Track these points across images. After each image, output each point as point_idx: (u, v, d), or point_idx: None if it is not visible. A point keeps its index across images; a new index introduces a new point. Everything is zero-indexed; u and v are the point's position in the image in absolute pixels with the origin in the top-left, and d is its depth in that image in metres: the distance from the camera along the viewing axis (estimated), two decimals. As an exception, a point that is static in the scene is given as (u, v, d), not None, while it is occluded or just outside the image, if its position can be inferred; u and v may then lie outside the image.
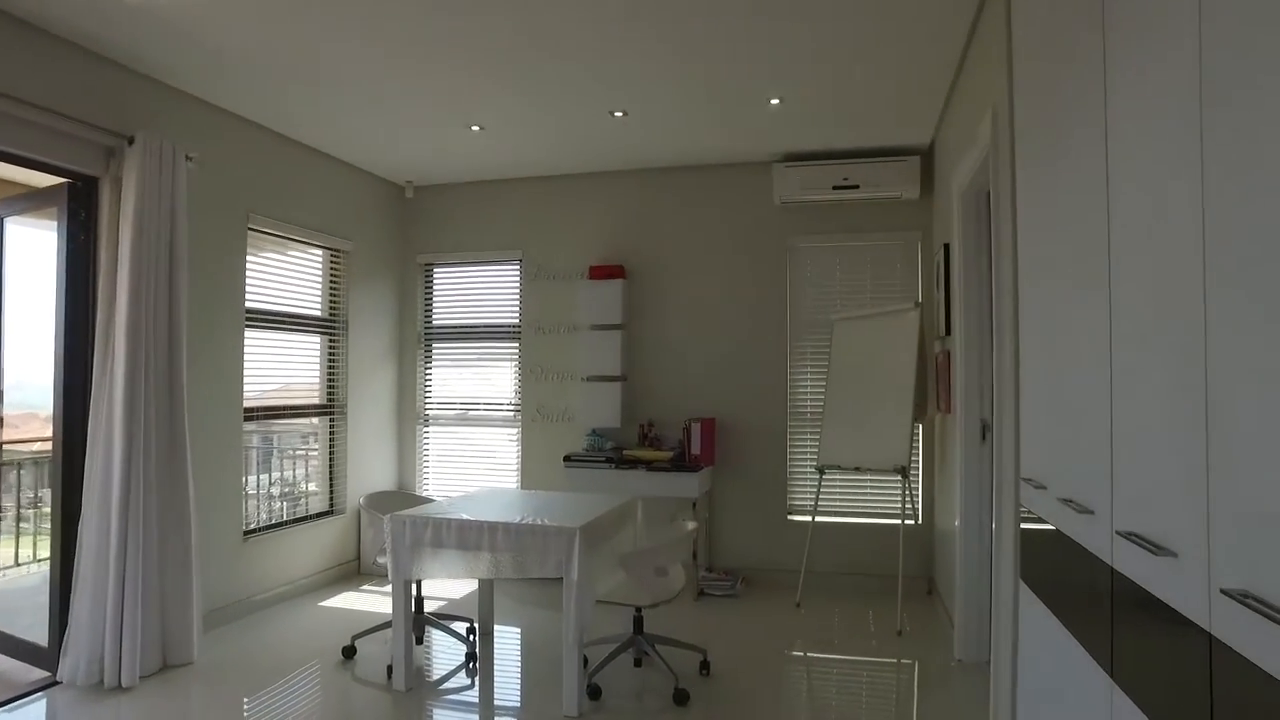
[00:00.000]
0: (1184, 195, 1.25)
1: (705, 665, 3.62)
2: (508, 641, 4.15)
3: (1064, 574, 1.93)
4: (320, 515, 5.19)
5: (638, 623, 3.57)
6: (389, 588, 3.45)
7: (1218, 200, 1.14)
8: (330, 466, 5.31)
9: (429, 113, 4.40)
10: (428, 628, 4.07)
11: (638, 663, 3.68)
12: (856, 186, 4.97)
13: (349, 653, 3.81)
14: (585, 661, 3.42)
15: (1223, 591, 1.08)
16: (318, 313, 5.21)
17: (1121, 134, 1.54)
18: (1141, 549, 1.40)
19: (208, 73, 3.80)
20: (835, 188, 5.00)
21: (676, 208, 5.50)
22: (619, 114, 4.40)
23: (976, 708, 3.23)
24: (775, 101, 4.19)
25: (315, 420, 5.23)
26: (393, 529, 3.36)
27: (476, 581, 4.38)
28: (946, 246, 4.22)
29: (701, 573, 5.03)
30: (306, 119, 4.50)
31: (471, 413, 5.89)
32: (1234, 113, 1.09)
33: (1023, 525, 2.43)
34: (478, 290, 5.94)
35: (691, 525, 3.67)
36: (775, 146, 5.02)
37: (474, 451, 5.87)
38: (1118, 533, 1.52)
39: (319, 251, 5.23)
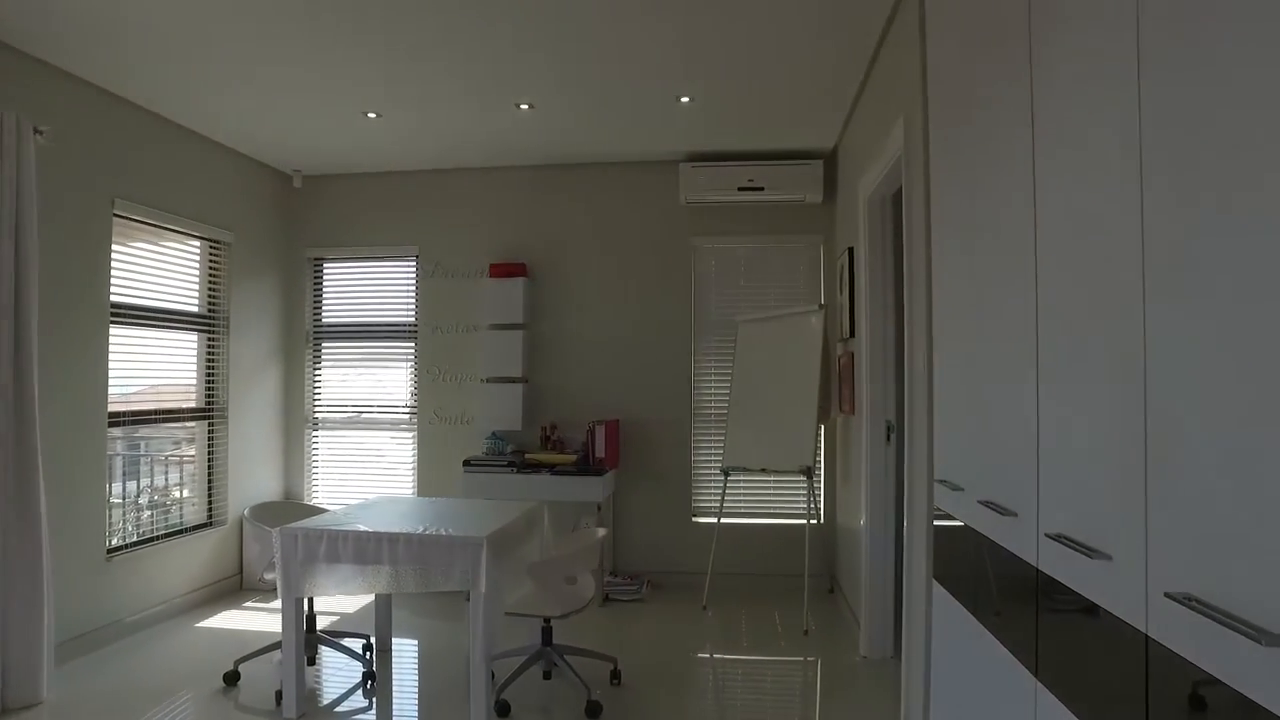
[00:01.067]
0: (1120, 196, 1.25)
1: (616, 674, 3.54)
2: (407, 658, 3.94)
3: (983, 574, 1.95)
4: (198, 527, 4.80)
5: (546, 633, 3.45)
6: (276, 603, 3.19)
7: (1156, 201, 1.14)
8: (209, 475, 4.92)
9: (321, 97, 4.13)
10: (320, 647, 3.81)
11: (547, 675, 3.55)
12: (761, 189, 5.00)
13: (231, 679, 3.51)
14: (492, 676, 3.27)
15: (1167, 595, 1.07)
16: (195, 308, 4.82)
17: (1051, 134, 1.54)
18: (1072, 551, 1.40)
19: (61, 35, 3.42)
20: (740, 189, 5.02)
21: (581, 205, 5.40)
22: (524, 106, 4.26)
23: (884, 703, 3.27)
24: (684, 99, 4.15)
25: (193, 425, 4.84)
26: (283, 543, 3.11)
27: (373, 595, 4.14)
28: (851, 250, 4.29)
29: (607, 577, 4.94)
30: (181, 96, 4.14)
31: (364, 416, 5.60)
32: (1174, 113, 1.08)
33: (936, 524, 2.45)
34: (371, 287, 5.66)
35: (601, 531, 3.58)
36: (682, 146, 4.99)
37: (367, 456, 5.59)
38: (1046, 535, 1.53)
39: (196, 242, 4.84)
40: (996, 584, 1.84)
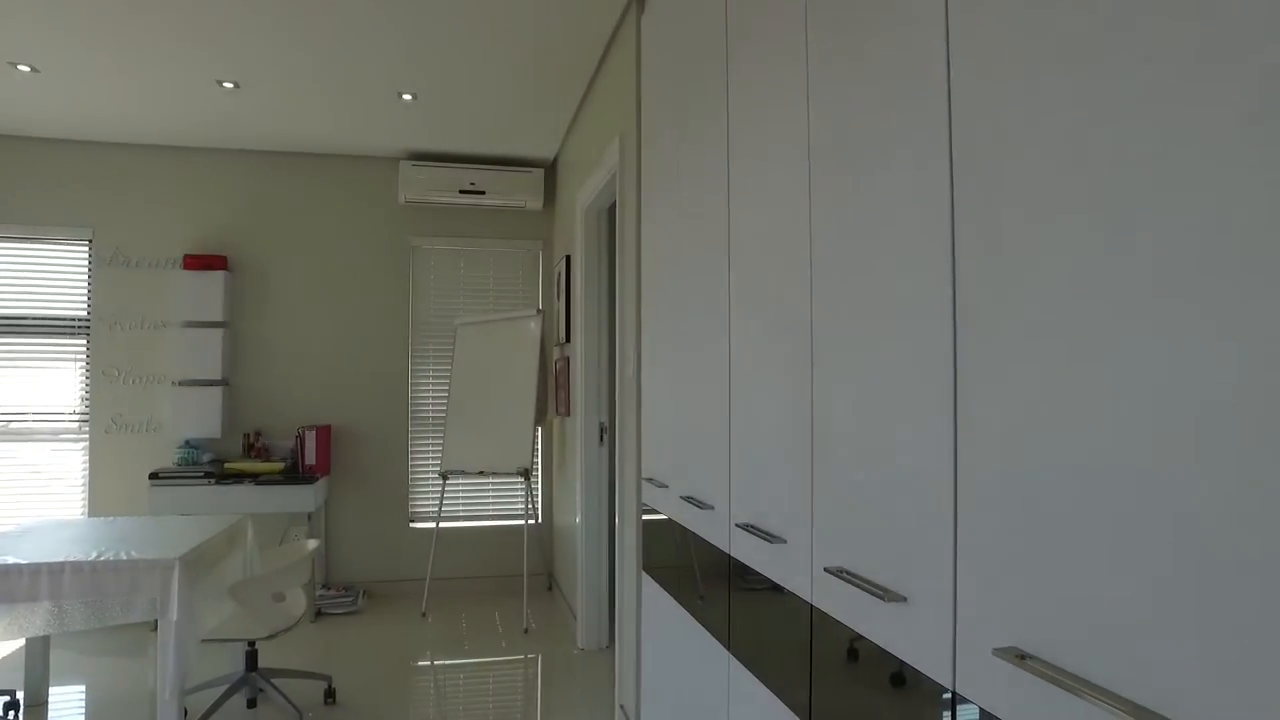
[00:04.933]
0: (794, 229, 1.49)
1: (330, 693, 3.38)
2: (70, 709, 3.41)
3: (687, 563, 2.17)
4: None
5: (251, 658, 3.20)
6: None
7: (821, 242, 1.38)
8: None
9: (-44, 47, 3.45)
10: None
11: (252, 703, 3.29)
12: (483, 193, 5.04)
13: None
14: (185, 714, 2.97)
15: (825, 570, 1.31)
16: None
17: (742, 163, 1.78)
18: (757, 538, 1.64)
19: None
20: (462, 191, 5.01)
21: (292, 197, 5.05)
22: (229, 84, 3.90)
23: (600, 690, 3.48)
24: (407, 97, 4.07)
25: None
26: (-101, 584, 2.56)
27: (23, 640, 3.54)
28: (568, 258, 4.48)
29: (319, 591, 4.68)
30: None
31: (15, 425, 4.75)
32: (832, 151, 1.32)
33: (644, 519, 2.67)
34: (26, 273, 4.80)
35: (313, 543, 3.39)
36: (403, 143, 4.87)
37: (18, 473, 4.74)
38: (736, 525, 1.76)
39: None
40: (699, 571, 2.07)
